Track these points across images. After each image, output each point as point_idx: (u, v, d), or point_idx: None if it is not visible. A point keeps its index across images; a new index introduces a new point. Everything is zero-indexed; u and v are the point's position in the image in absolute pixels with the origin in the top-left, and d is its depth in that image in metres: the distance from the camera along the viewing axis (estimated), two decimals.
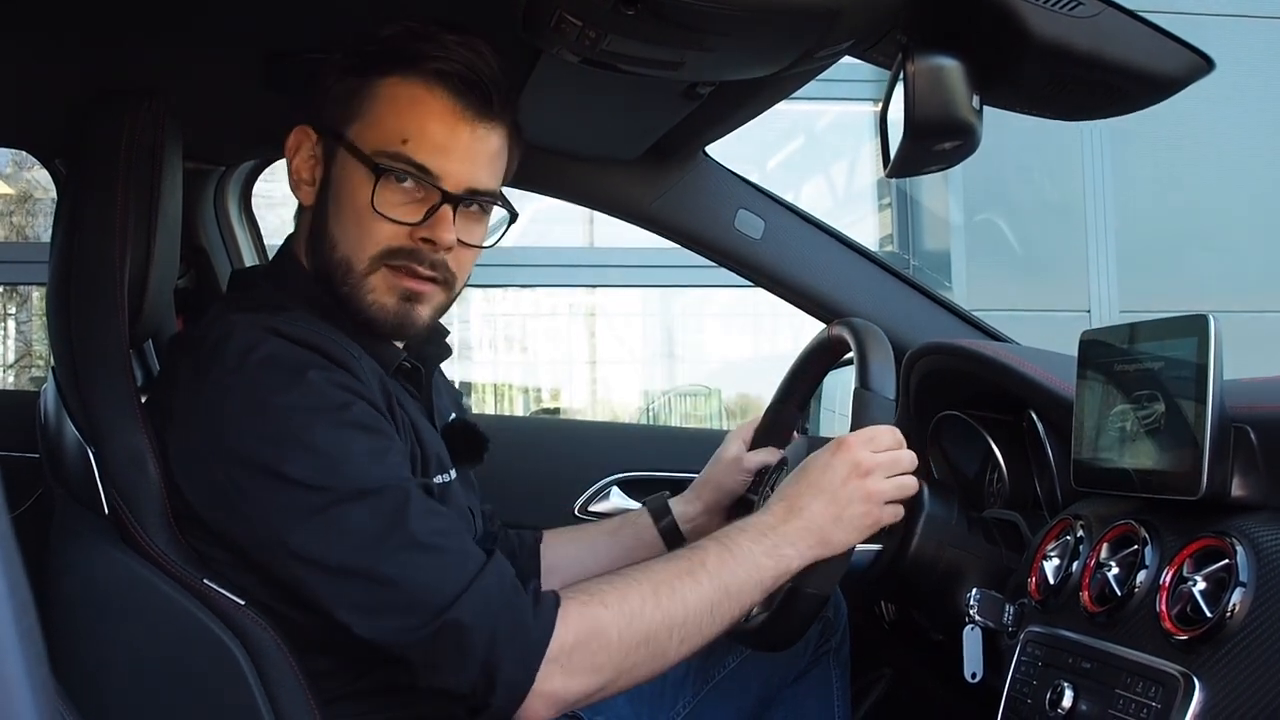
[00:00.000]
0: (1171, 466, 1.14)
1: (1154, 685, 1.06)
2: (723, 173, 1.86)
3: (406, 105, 1.25)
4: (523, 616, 1.13)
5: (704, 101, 1.51)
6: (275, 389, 1.14)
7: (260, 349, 1.16)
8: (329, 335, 1.21)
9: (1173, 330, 1.17)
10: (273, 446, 1.13)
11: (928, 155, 1.19)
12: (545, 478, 2.03)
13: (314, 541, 1.12)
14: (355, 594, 1.12)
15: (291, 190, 1.31)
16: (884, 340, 1.38)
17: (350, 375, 1.18)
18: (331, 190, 1.28)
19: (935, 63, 1.11)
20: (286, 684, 1.19)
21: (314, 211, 1.30)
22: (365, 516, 1.12)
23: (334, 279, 1.27)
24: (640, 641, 1.16)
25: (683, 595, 1.18)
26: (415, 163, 1.24)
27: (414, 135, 1.24)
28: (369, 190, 1.23)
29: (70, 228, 1.30)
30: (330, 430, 1.14)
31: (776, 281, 1.87)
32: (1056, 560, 1.29)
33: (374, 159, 1.24)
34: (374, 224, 1.25)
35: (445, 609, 1.10)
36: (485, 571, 1.13)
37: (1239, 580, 1.03)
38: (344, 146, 1.26)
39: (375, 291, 1.27)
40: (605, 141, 1.75)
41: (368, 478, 1.14)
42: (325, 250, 1.28)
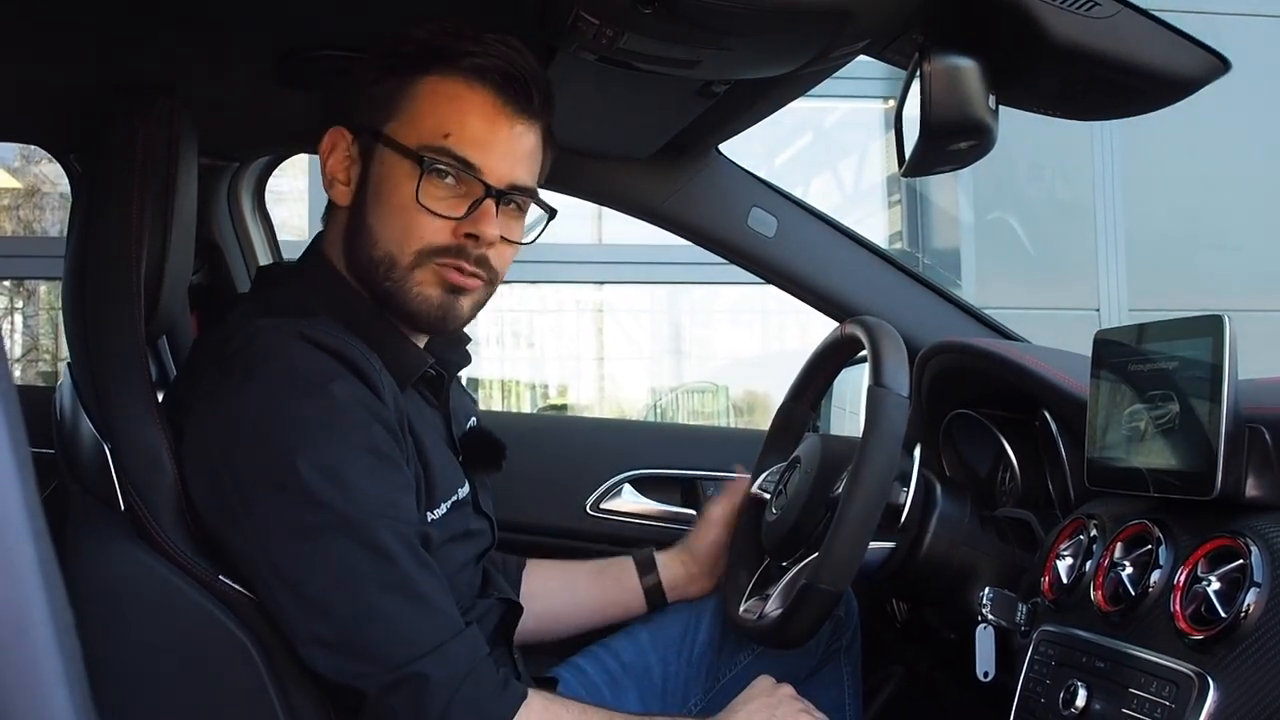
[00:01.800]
0: (1185, 466, 1.14)
1: (1168, 685, 1.06)
2: (736, 170, 1.87)
3: (447, 101, 1.25)
4: (486, 692, 1.13)
5: (718, 99, 1.51)
6: (294, 397, 1.14)
7: (283, 355, 1.16)
8: (354, 345, 1.20)
9: (1187, 330, 1.16)
10: (282, 454, 1.12)
11: (943, 155, 1.19)
12: (557, 475, 2.03)
13: (297, 564, 1.11)
14: (322, 629, 1.12)
15: (326, 190, 1.30)
16: (897, 338, 1.38)
17: (370, 392, 1.17)
18: (371, 187, 1.27)
19: (952, 62, 1.11)
20: (301, 679, 1.19)
21: (351, 210, 1.29)
22: (353, 551, 1.11)
23: (375, 275, 1.27)
24: None
25: None
26: (458, 156, 1.24)
27: (456, 130, 1.24)
28: (412, 185, 1.23)
29: (85, 223, 1.30)
30: (343, 449, 1.13)
31: (789, 279, 1.87)
32: (1070, 559, 1.29)
33: (417, 152, 1.23)
34: (418, 218, 1.24)
35: (409, 662, 1.10)
36: (460, 637, 1.13)
37: (1253, 580, 1.03)
38: (384, 143, 1.26)
39: (421, 284, 1.26)
40: (620, 139, 1.75)
41: (366, 507, 1.12)
42: (365, 247, 1.27)
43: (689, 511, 2.01)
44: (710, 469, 2.01)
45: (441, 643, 1.11)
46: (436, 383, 1.37)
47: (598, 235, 6.91)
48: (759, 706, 1.30)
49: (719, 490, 1.97)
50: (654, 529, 2.00)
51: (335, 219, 1.32)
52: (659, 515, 2.02)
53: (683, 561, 1.63)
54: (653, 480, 2.04)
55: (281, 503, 1.12)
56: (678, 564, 1.63)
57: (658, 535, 1.99)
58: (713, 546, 1.62)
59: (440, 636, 1.12)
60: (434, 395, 1.36)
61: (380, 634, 1.10)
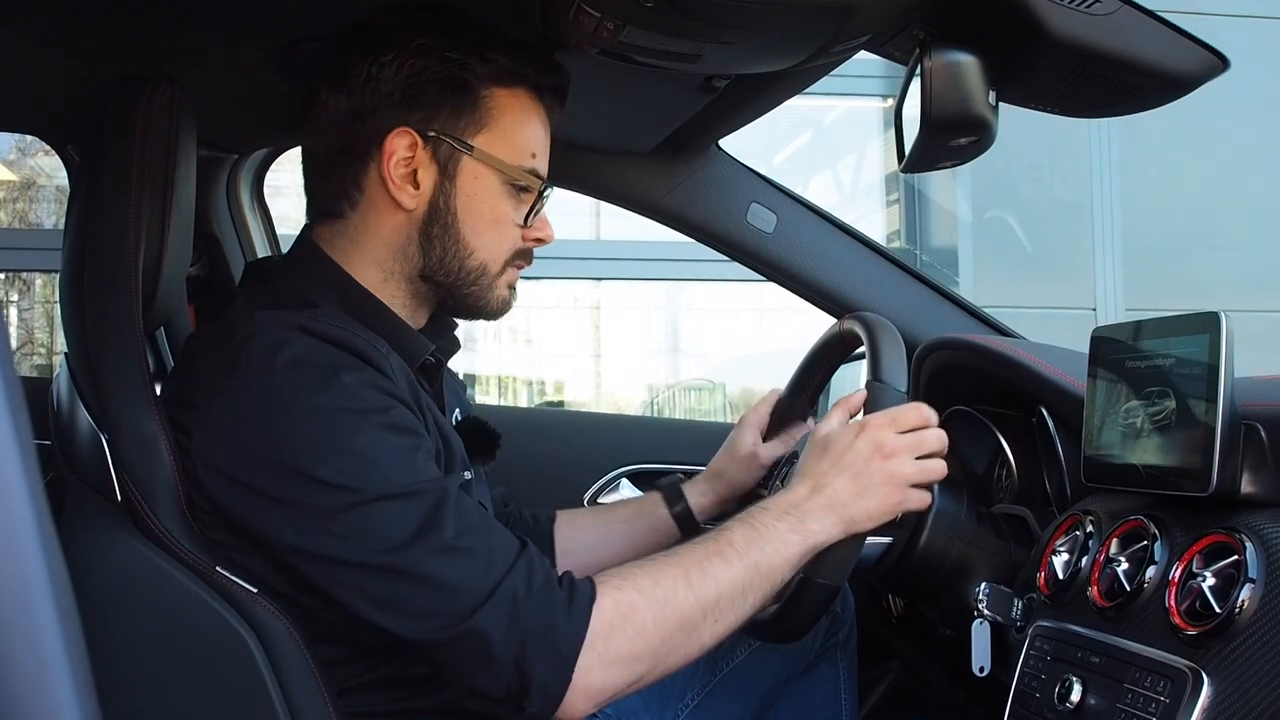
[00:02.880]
0: (1181, 463, 1.15)
1: (1163, 680, 1.06)
2: (735, 166, 1.87)
3: (526, 119, 1.32)
4: (554, 616, 1.11)
5: (719, 95, 1.51)
6: (306, 390, 1.14)
7: (288, 348, 1.15)
8: (357, 332, 1.21)
9: (1184, 327, 1.17)
10: (303, 449, 1.12)
11: (944, 151, 1.19)
12: (554, 469, 2.03)
13: (339, 541, 1.11)
14: (378, 591, 1.12)
15: (391, 192, 1.27)
16: (896, 334, 1.38)
17: (382, 375, 1.18)
18: (460, 198, 1.29)
19: (953, 58, 1.11)
20: (299, 673, 1.19)
21: (428, 217, 1.29)
22: (396, 517, 1.11)
23: (463, 281, 1.32)
24: (676, 626, 1.15)
25: (715, 576, 1.17)
26: (540, 176, 1.34)
27: (539, 150, 1.34)
28: (505, 201, 1.32)
29: (84, 214, 1.30)
30: (364, 433, 1.13)
31: (788, 275, 1.87)
32: (1066, 555, 1.29)
33: (517, 175, 1.31)
34: (512, 231, 1.33)
35: (468, 614, 1.10)
36: (514, 571, 1.12)
37: (1248, 576, 1.04)
38: (476, 157, 1.29)
39: (499, 287, 1.35)
40: (620, 134, 1.75)
41: (400, 481, 1.13)
42: (457, 256, 1.31)
43: None
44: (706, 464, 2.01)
45: (495, 585, 1.10)
46: (433, 370, 1.38)
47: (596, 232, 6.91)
48: (849, 481, 1.25)
49: None
50: None
51: (378, 221, 1.30)
52: None
53: (714, 488, 1.62)
54: (650, 475, 2.04)
55: (314, 493, 1.11)
56: (707, 489, 1.62)
57: None
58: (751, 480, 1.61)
59: (492, 579, 1.11)
60: (429, 383, 1.37)
61: (434, 587, 1.10)
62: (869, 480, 1.24)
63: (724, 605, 1.18)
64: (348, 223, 1.31)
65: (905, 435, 1.27)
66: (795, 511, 1.24)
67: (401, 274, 1.31)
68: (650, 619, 1.14)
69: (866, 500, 1.24)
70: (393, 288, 1.31)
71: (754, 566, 1.20)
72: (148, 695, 1.20)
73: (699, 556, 1.19)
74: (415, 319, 1.35)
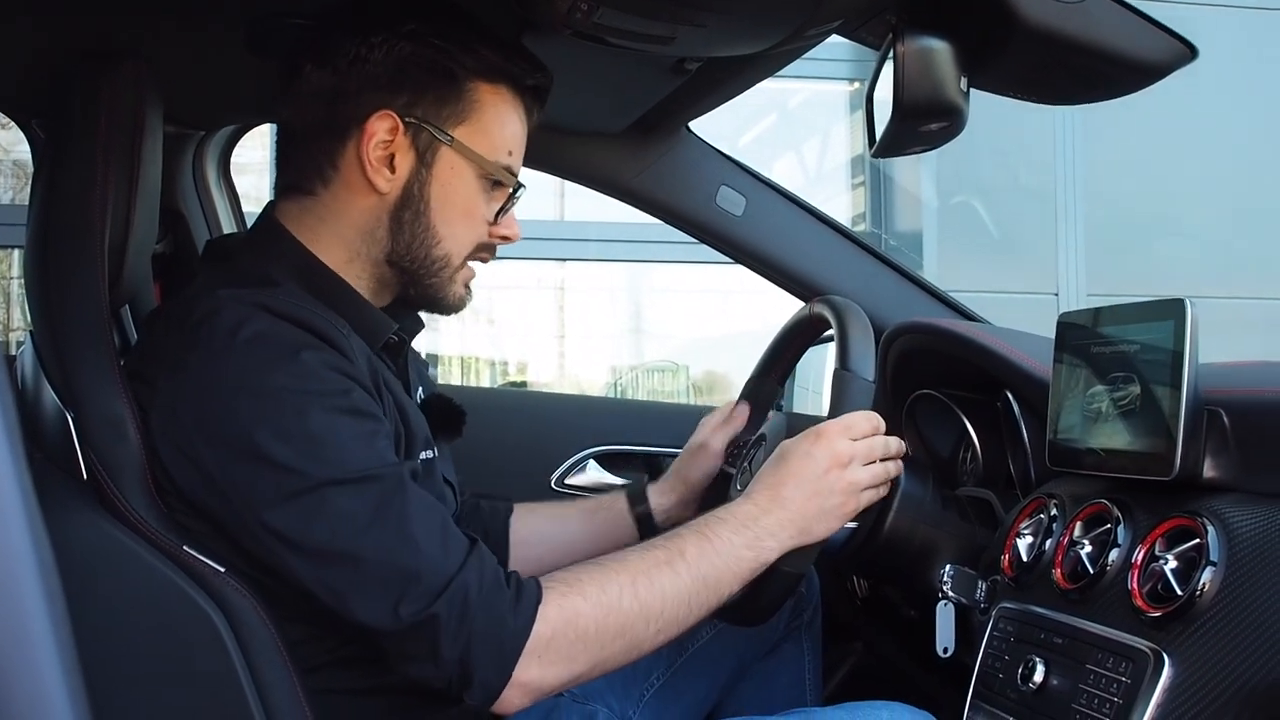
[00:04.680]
0: (1145, 448, 1.16)
1: (1124, 661, 1.08)
2: (705, 148, 1.87)
3: (506, 117, 1.32)
4: (501, 614, 1.12)
5: (690, 77, 1.51)
6: (265, 369, 1.13)
7: (248, 326, 1.14)
8: (318, 312, 1.20)
9: (1149, 314, 1.18)
10: (261, 429, 1.11)
11: (914, 136, 1.20)
12: (521, 450, 2.03)
13: (294, 522, 1.11)
14: (331, 576, 1.11)
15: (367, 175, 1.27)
16: (865, 320, 1.38)
17: (342, 356, 1.17)
18: (434, 187, 1.29)
19: (925, 44, 1.12)
20: (266, 652, 1.19)
21: (400, 202, 1.29)
22: (350, 502, 1.11)
23: (426, 269, 1.32)
24: (617, 633, 1.16)
25: (661, 586, 1.18)
26: (514, 174, 1.34)
27: (515, 149, 1.34)
28: (478, 194, 1.32)
29: (49, 191, 1.28)
30: (321, 415, 1.13)
31: (756, 259, 1.87)
32: (1030, 538, 1.31)
33: (494, 171, 1.31)
34: (481, 225, 1.34)
35: (424, 605, 1.10)
36: (466, 566, 1.13)
37: (1209, 559, 1.05)
38: (455, 148, 1.28)
39: (456, 282, 1.35)
40: (590, 115, 1.74)
41: (356, 464, 1.12)
42: (424, 243, 1.30)
43: None
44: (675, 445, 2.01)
45: (450, 578, 1.11)
46: (396, 349, 1.38)
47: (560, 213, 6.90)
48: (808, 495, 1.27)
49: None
50: None
51: (350, 201, 1.29)
52: None
53: (674, 488, 1.62)
54: (618, 456, 2.04)
55: (268, 473, 1.11)
56: (669, 491, 1.62)
57: None
58: (707, 476, 1.62)
59: (447, 571, 1.11)
60: (393, 361, 1.36)
61: (386, 576, 1.11)
62: (827, 491, 1.27)
63: (668, 615, 1.19)
64: (318, 200, 1.30)
65: (859, 443, 1.29)
66: (753, 525, 1.25)
67: (367, 256, 1.31)
68: (593, 625, 1.15)
69: (823, 511, 1.27)
70: (357, 269, 1.31)
71: (702, 579, 1.21)
72: (114, 674, 1.19)
73: (648, 564, 1.20)
74: (377, 301, 1.34)
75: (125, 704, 1.16)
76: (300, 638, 1.21)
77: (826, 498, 1.27)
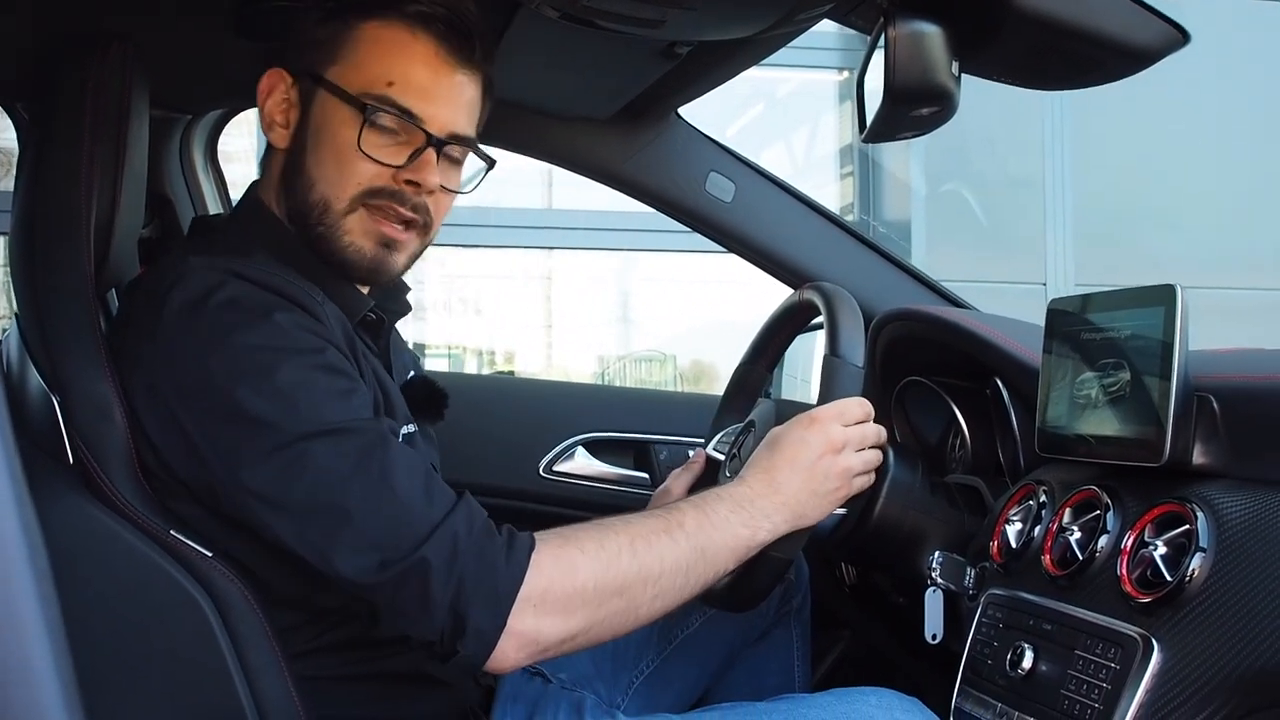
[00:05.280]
0: (1135, 434, 1.16)
1: (1113, 647, 1.08)
2: (695, 135, 1.86)
3: (390, 48, 1.25)
4: (493, 560, 1.10)
5: (680, 62, 1.51)
6: (238, 329, 1.12)
7: (221, 291, 1.14)
8: (292, 280, 1.20)
9: (1140, 300, 1.18)
10: (236, 387, 1.11)
11: (905, 121, 1.19)
12: (510, 437, 2.02)
13: (275, 479, 1.10)
14: (316, 532, 1.10)
15: (264, 133, 1.29)
16: (855, 307, 1.38)
17: (314, 319, 1.17)
18: (310, 131, 1.27)
19: (916, 28, 1.11)
20: (253, 637, 1.18)
21: (288, 154, 1.29)
22: (330, 455, 1.10)
23: (309, 219, 1.27)
24: (615, 591, 1.15)
25: (659, 551, 1.17)
26: (400, 105, 1.24)
27: (399, 78, 1.24)
28: (352, 130, 1.23)
29: (34, 174, 1.27)
30: (296, 371, 1.12)
31: (746, 245, 1.87)
32: (1019, 524, 1.31)
33: (359, 99, 1.23)
34: (357, 163, 1.24)
35: (410, 551, 1.08)
36: (454, 514, 1.11)
37: (1199, 545, 1.05)
38: (324, 87, 1.25)
39: (352, 233, 1.26)
40: (579, 99, 1.74)
41: (333, 417, 1.12)
42: (301, 190, 1.27)
43: (642, 475, 2.01)
44: (664, 433, 2.01)
45: (435, 525, 1.10)
46: (375, 327, 1.36)
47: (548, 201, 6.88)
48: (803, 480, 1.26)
49: (671, 455, 1.98)
50: (607, 492, 2.01)
51: (272, 162, 1.31)
52: (612, 478, 2.02)
53: None
54: (606, 443, 2.04)
55: (243, 429, 1.10)
56: None
57: (610, 498, 1.99)
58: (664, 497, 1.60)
59: (432, 518, 1.10)
60: (373, 340, 1.35)
61: (373, 525, 1.09)
62: (821, 476, 1.27)
63: (665, 582, 1.17)
64: (264, 170, 1.33)
65: (851, 429, 1.29)
66: (749, 506, 1.24)
67: (285, 218, 1.30)
68: (590, 579, 1.13)
69: (817, 495, 1.27)
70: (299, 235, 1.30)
71: (700, 551, 1.20)
72: (101, 660, 1.18)
73: (646, 530, 1.19)
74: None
75: (112, 689, 1.16)
76: (289, 624, 1.21)
77: (821, 482, 1.27)
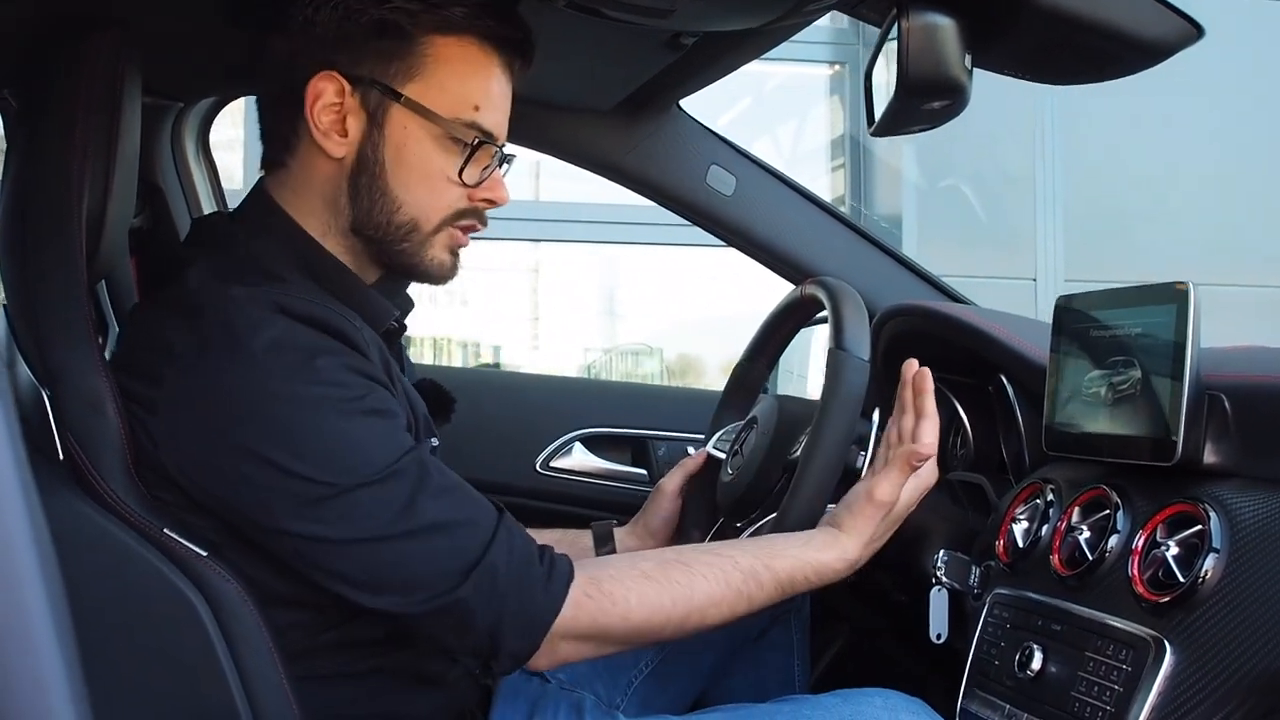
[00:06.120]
0: (1145, 433, 1.15)
1: (1125, 648, 1.07)
2: (696, 127, 1.84)
3: (471, 69, 1.25)
4: (532, 590, 1.14)
5: (684, 53, 1.49)
6: (284, 377, 1.10)
7: (265, 331, 1.11)
8: (333, 308, 1.17)
9: (1149, 297, 1.17)
10: (282, 440, 1.09)
11: (916, 114, 1.18)
12: (507, 433, 2.01)
13: (316, 528, 1.10)
14: (356, 572, 1.11)
15: (318, 139, 1.23)
16: (859, 300, 1.38)
17: (360, 356, 1.15)
18: (389, 148, 1.24)
19: (931, 20, 1.10)
20: (250, 636, 1.16)
21: (355, 169, 1.25)
22: (374, 503, 1.10)
23: (391, 237, 1.26)
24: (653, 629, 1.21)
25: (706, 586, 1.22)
26: (486, 130, 1.26)
27: (483, 102, 1.25)
28: (445, 157, 1.25)
29: (24, 163, 1.24)
30: (341, 420, 1.11)
31: (746, 239, 1.85)
32: (1025, 523, 1.30)
33: (451, 127, 1.24)
34: (451, 189, 1.26)
35: (449, 590, 1.11)
36: (494, 544, 1.13)
37: (1212, 546, 1.04)
38: (407, 106, 1.22)
39: (434, 248, 1.28)
40: (580, 91, 1.71)
41: (378, 464, 1.11)
42: (384, 210, 1.25)
43: (640, 471, 2.00)
44: (661, 428, 2.00)
45: (476, 561, 1.12)
46: (393, 334, 1.35)
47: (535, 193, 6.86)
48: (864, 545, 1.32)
49: (669, 450, 1.97)
50: (604, 488, 1.99)
51: (313, 170, 1.26)
52: (609, 474, 2.01)
53: (638, 534, 1.61)
54: (604, 439, 2.02)
55: (288, 483, 1.09)
56: (633, 537, 1.61)
57: (608, 494, 1.98)
58: (667, 521, 1.61)
59: (473, 554, 1.12)
60: (390, 347, 1.33)
61: (415, 567, 1.11)
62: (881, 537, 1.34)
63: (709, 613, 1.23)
64: (289, 172, 1.28)
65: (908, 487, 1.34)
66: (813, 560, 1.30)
67: (337, 228, 1.27)
68: (627, 614, 1.18)
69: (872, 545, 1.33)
70: (332, 243, 1.27)
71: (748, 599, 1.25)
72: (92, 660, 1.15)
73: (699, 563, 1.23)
74: (366, 278, 1.31)
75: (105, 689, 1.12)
76: (285, 623, 1.19)
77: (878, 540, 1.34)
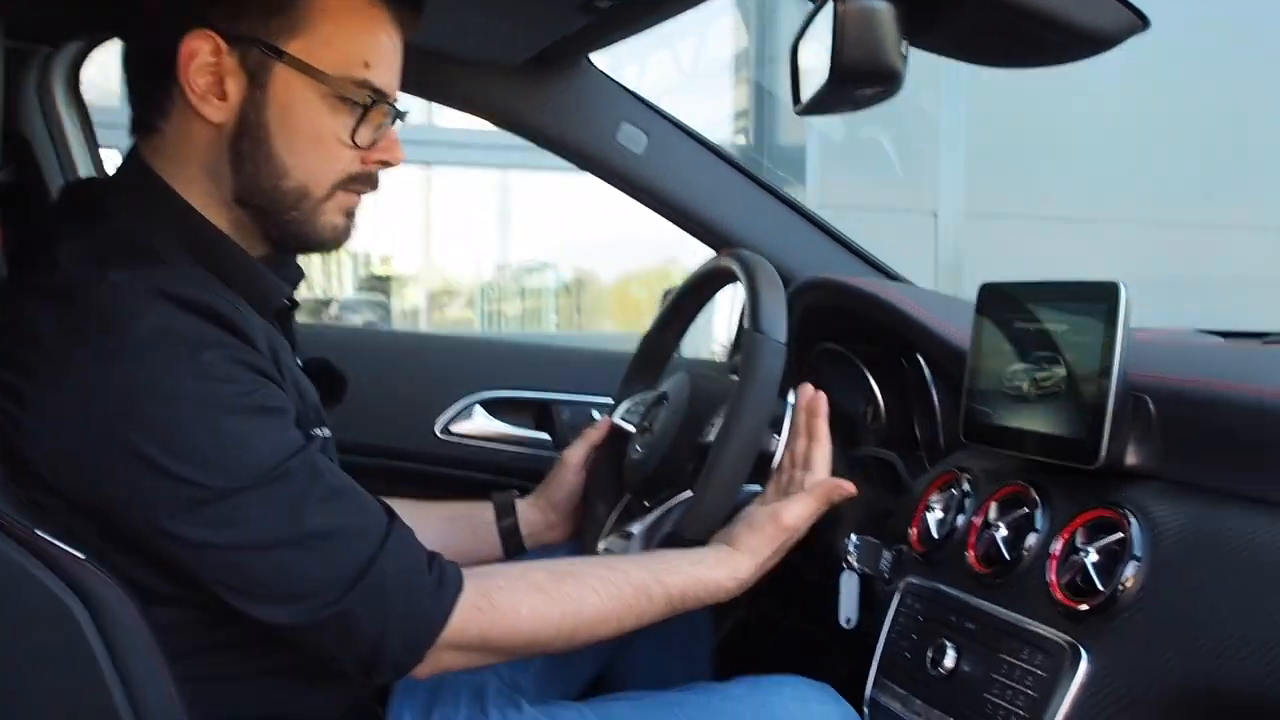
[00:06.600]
0: (1068, 433, 1.13)
1: (1040, 653, 1.06)
2: (607, 82, 1.77)
3: (359, 22, 1.15)
4: (419, 603, 1.09)
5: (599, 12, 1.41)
6: (166, 370, 1.02)
7: (146, 319, 1.02)
8: (218, 294, 1.09)
9: (1080, 294, 1.15)
10: (163, 438, 1.02)
11: (847, 98, 1.13)
12: (403, 397, 1.94)
13: (199, 529, 1.04)
14: (239, 579, 1.06)
15: (194, 102, 1.12)
16: (776, 279, 1.34)
17: (249, 348, 1.08)
18: (273, 111, 1.13)
19: (868, 5, 1.05)
20: (133, 640, 1.09)
21: (236, 133, 1.14)
22: (260, 507, 1.04)
23: (279, 206, 1.16)
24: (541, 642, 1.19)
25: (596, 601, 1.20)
26: (377, 89, 1.16)
27: (372, 59, 1.16)
28: (334, 118, 1.15)
29: None
30: (226, 418, 1.04)
31: (659, 200, 1.80)
32: (940, 513, 1.28)
33: (341, 87, 1.14)
34: (342, 151, 1.17)
35: (335, 600, 1.06)
36: (384, 552, 1.08)
37: (1133, 554, 1.03)
38: (291, 64, 1.12)
39: (326, 214, 1.19)
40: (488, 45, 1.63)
41: (263, 465, 1.05)
42: (270, 177, 1.15)
43: (542, 435, 1.95)
44: (565, 391, 1.95)
45: (363, 571, 1.07)
46: (287, 315, 1.28)
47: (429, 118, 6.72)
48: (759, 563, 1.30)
49: (573, 414, 1.92)
50: (507, 453, 1.94)
51: (190, 135, 1.16)
52: (512, 439, 1.95)
53: (540, 508, 1.57)
54: (505, 402, 1.96)
55: (169, 483, 1.02)
56: (536, 510, 1.57)
57: (511, 459, 1.93)
58: (571, 494, 1.57)
59: (360, 562, 1.07)
60: (282, 325, 1.25)
61: (300, 576, 1.06)
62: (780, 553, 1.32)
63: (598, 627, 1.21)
64: (164, 137, 1.17)
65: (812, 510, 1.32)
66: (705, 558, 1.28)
67: (219, 198, 1.17)
68: (515, 626, 1.16)
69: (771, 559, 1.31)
70: (214, 214, 1.17)
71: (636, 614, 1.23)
72: None
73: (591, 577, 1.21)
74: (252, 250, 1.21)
75: None
76: (170, 623, 1.12)
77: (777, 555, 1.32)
